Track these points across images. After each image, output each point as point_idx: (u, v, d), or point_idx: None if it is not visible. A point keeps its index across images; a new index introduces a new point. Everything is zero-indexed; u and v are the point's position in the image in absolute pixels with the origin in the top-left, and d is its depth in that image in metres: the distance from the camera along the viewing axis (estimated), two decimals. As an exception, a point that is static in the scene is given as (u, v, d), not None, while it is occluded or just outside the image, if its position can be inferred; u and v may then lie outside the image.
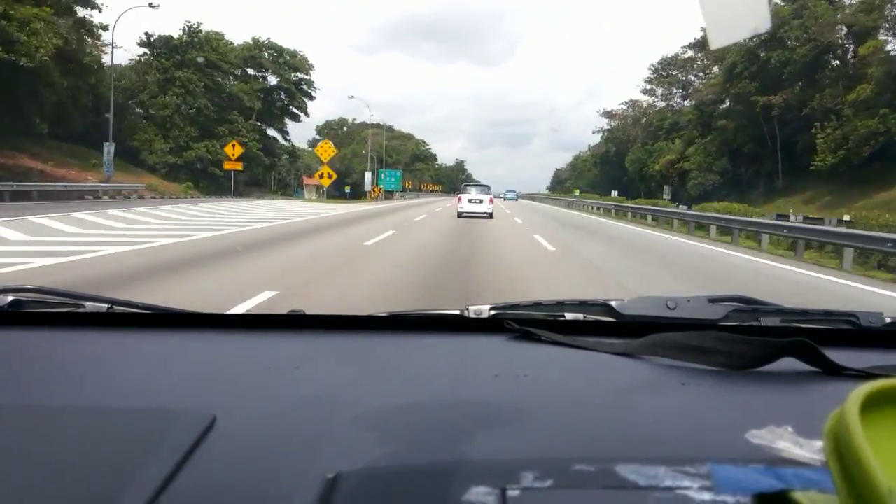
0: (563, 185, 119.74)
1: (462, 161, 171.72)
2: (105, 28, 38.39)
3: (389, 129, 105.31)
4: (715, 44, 0.84)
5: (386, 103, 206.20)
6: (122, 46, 70.94)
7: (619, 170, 71.22)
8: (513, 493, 0.52)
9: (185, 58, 47.82)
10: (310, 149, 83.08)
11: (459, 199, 23.99)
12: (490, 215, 22.82)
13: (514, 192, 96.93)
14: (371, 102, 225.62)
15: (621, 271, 9.60)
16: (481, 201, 23.22)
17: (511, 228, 18.73)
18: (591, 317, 1.22)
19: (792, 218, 23.86)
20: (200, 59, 48.85)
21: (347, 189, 60.82)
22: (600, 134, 79.21)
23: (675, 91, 63.85)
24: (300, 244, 11.71)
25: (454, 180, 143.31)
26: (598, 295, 1.74)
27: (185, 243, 10.89)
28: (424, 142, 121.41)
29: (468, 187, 24.91)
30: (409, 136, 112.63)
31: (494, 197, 26.72)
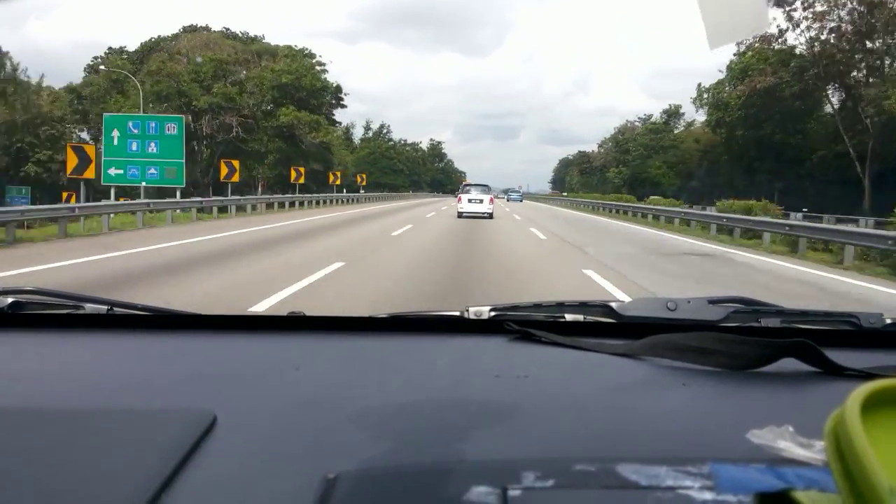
0: (598, 175, 75.63)
1: (439, 143, 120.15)
2: None
3: (245, 40, 47.00)
4: (714, 44, 0.84)
5: (369, 95, 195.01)
6: None
7: (788, 141, 33.03)
8: (514, 492, 0.52)
9: None
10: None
11: (460, 199, 24.04)
12: (490, 215, 22.75)
13: (518, 191, 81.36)
14: (356, 94, 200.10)
15: None
16: (481, 201, 23.26)
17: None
18: (591, 318, 1.22)
19: None
20: None
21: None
22: (738, 52, 35.01)
23: None
24: None
25: (419, 170, 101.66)
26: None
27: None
28: (314, 56, 48.41)
29: (468, 188, 24.92)
30: (276, 49, 47.45)
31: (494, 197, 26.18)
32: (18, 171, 30.74)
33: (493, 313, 1.19)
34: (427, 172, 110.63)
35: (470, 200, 23.35)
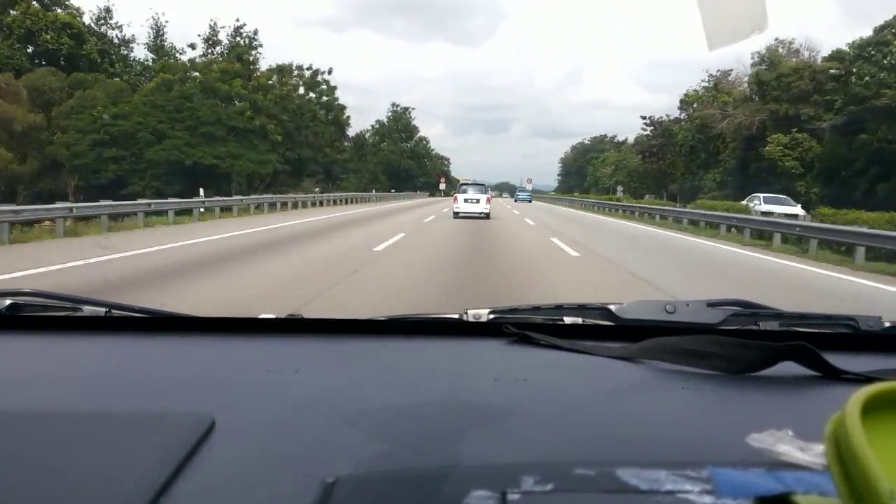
0: (692, 157, 43.27)
1: (406, 111, 78.38)
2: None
3: None
4: (713, 45, 0.84)
5: (359, 86, 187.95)
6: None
7: None
8: (513, 496, 0.52)
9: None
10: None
11: (455, 198, 23.39)
12: (487, 215, 21.99)
13: (527, 190, 65.67)
14: (344, 85, 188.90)
15: None
16: (478, 201, 22.60)
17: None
18: (589, 321, 1.21)
19: None
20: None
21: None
22: None
23: None
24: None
25: (325, 142, 49.62)
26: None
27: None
28: None
29: (464, 186, 24.30)
30: None
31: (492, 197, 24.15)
32: None
33: (491, 316, 1.19)
34: (372, 151, 69.89)
35: (466, 200, 22.76)
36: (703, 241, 16.37)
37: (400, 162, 73.47)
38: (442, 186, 71.90)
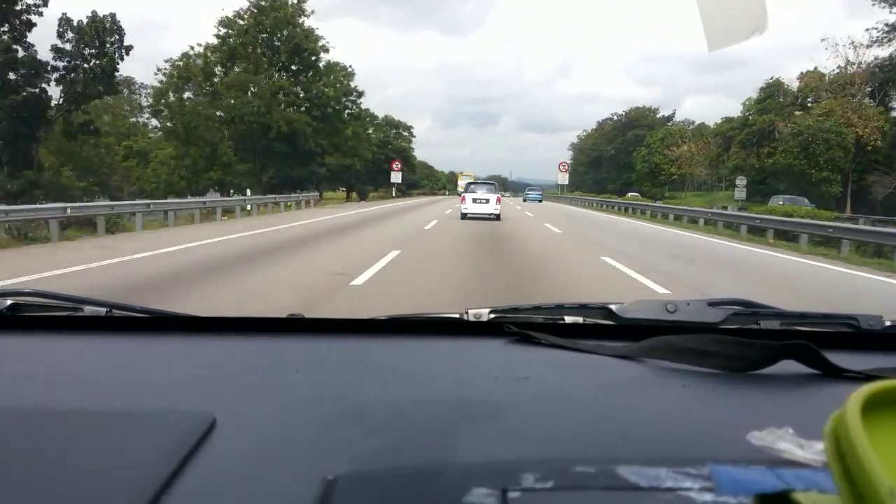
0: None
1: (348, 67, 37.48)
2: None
3: None
4: (713, 46, 0.84)
5: None
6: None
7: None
8: (514, 494, 0.52)
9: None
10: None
11: (463, 199, 21.98)
12: (498, 216, 20.60)
13: (538, 189, 54.75)
14: None
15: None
16: (487, 201, 21.14)
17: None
18: (590, 320, 1.22)
19: None
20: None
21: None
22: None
23: None
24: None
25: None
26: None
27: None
28: None
29: (473, 186, 22.85)
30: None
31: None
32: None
33: (492, 315, 1.19)
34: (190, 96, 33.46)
35: (475, 200, 21.27)
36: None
37: (271, 117, 33.27)
38: (396, 178, 46.01)
